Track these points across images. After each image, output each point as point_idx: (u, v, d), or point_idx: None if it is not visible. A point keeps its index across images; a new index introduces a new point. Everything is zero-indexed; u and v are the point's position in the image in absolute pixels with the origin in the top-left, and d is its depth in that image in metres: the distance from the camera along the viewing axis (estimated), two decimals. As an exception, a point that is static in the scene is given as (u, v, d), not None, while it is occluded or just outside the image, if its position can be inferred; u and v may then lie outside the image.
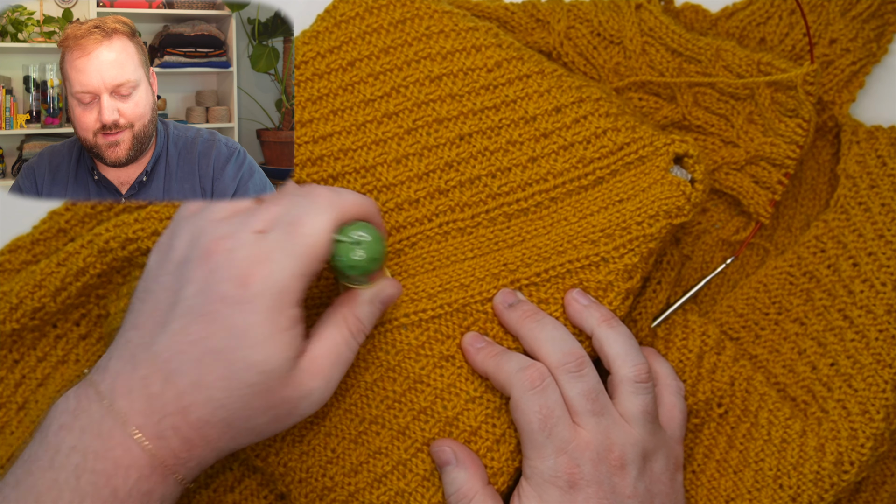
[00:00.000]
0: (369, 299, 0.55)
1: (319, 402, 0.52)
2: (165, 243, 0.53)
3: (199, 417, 0.49)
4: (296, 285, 0.49)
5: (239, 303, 0.48)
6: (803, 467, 0.58)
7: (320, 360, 0.52)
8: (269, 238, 0.50)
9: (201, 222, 0.52)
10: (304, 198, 0.52)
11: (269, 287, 0.49)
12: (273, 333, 0.49)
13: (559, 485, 0.53)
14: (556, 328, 0.57)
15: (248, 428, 0.51)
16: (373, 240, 0.52)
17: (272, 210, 0.51)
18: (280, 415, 0.51)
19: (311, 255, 0.50)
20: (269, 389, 0.49)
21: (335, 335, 0.53)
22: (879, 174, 0.64)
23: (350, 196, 0.53)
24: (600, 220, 0.59)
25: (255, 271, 0.49)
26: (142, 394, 0.49)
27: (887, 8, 0.67)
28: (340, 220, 0.51)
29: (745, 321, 0.65)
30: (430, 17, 0.63)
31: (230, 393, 0.49)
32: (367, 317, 0.55)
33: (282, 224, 0.50)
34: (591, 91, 0.62)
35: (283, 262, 0.49)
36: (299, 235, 0.50)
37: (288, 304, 0.49)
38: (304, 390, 0.51)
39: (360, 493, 0.56)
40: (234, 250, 0.49)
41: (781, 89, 0.62)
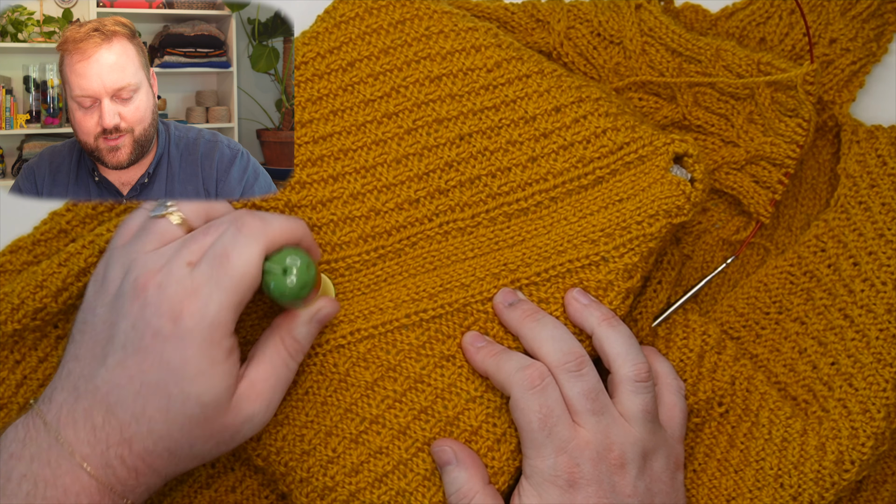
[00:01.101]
0: (306, 320, 0.55)
1: (261, 423, 0.53)
2: (101, 274, 0.54)
3: (143, 448, 0.50)
4: (228, 317, 0.50)
5: (172, 338, 0.49)
6: (804, 466, 0.58)
7: (260, 384, 0.52)
8: (199, 271, 0.50)
9: (133, 254, 0.52)
10: (233, 227, 0.51)
11: (201, 321, 0.49)
12: (208, 366, 0.49)
13: (559, 484, 0.53)
14: (557, 327, 0.57)
15: (193, 455, 0.52)
16: (303, 265, 0.52)
17: (202, 241, 0.51)
18: (223, 440, 0.52)
19: (241, 287, 0.50)
20: (209, 419, 0.50)
21: (273, 358, 0.54)
22: (880, 173, 0.64)
23: (278, 223, 0.53)
24: (600, 219, 0.59)
25: (186, 306, 0.49)
26: (86, 425, 0.50)
27: (887, 7, 0.67)
28: (269, 249, 0.52)
29: (746, 320, 0.65)
30: (429, 18, 0.63)
31: (171, 425, 0.50)
32: (304, 337, 0.55)
33: (211, 256, 0.50)
34: (591, 91, 0.62)
35: (213, 295, 0.49)
36: (228, 267, 0.50)
37: (221, 336, 0.50)
38: (244, 415, 0.52)
39: (360, 493, 0.56)
40: (165, 285, 0.50)
41: (781, 89, 0.62)
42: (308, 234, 0.55)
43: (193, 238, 0.52)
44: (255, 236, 0.51)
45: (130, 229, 0.54)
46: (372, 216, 0.61)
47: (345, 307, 0.60)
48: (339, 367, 0.58)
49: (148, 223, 0.54)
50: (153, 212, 0.54)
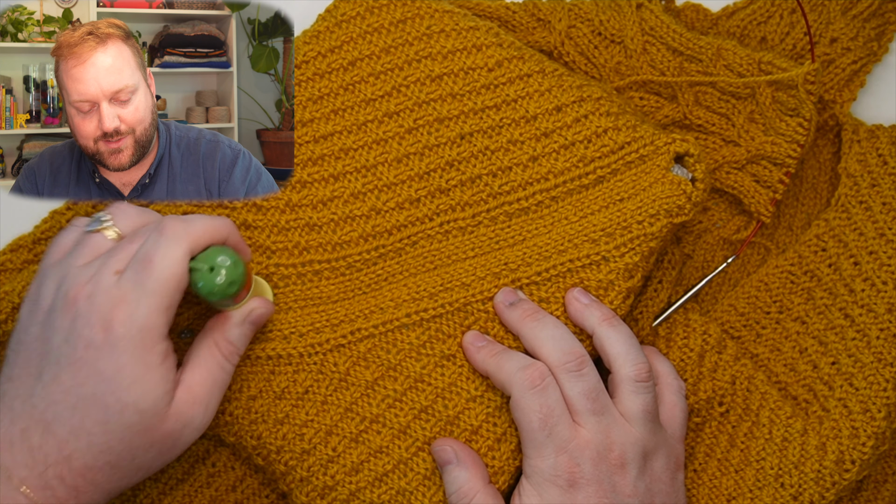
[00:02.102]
0: (239, 321, 0.55)
1: (201, 428, 0.53)
2: (34, 293, 0.53)
3: (83, 464, 0.49)
4: (158, 321, 0.49)
5: (104, 347, 0.49)
6: (805, 466, 0.58)
7: (196, 387, 0.52)
8: (125, 278, 0.50)
9: (65, 269, 0.52)
10: (155, 231, 0.51)
11: (132, 328, 0.49)
12: (144, 373, 0.49)
13: (559, 484, 0.53)
14: (557, 327, 0.57)
15: (135, 466, 0.51)
16: (231, 263, 0.52)
17: (128, 249, 0.51)
18: (164, 448, 0.51)
19: (168, 289, 0.50)
20: (148, 427, 0.50)
21: (208, 360, 0.53)
22: (880, 173, 0.64)
23: (202, 222, 0.52)
24: (601, 219, 0.59)
25: (115, 314, 0.49)
26: (23, 447, 0.49)
27: (888, 7, 0.68)
28: (194, 249, 0.51)
29: (747, 320, 0.65)
30: (430, 17, 0.63)
31: (110, 436, 0.49)
32: (238, 339, 0.55)
33: (136, 262, 0.50)
34: (592, 90, 0.62)
35: (140, 300, 0.49)
36: (153, 271, 0.49)
37: (154, 340, 0.49)
38: (184, 420, 0.51)
39: (361, 493, 0.56)
40: (94, 295, 0.49)
41: (782, 88, 0.62)
42: (235, 232, 0.55)
43: (120, 247, 0.51)
44: (176, 237, 0.50)
45: (63, 246, 0.54)
46: (373, 215, 0.61)
47: (345, 306, 0.60)
48: (340, 366, 0.58)
49: (83, 238, 0.53)
50: (88, 227, 0.53)
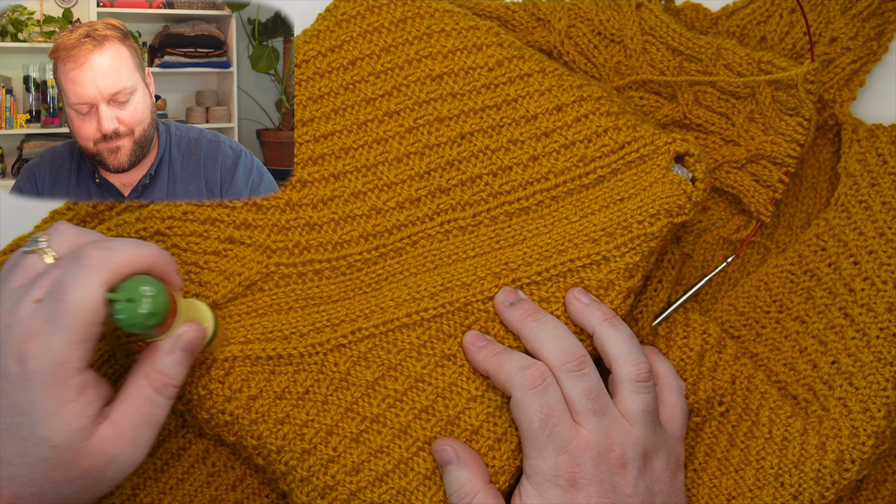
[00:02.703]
0: (168, 349, 0.52)
1: (129, 465, 0.50)
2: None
3: (11, 493, 0.48)
4: (74, 354, 0.47)
5: (19, 380, 0.47)
6: (804, 465, 0.58)
7: (122, 423, 0.50)
8: (40, 310, 0.48)
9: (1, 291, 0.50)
10: (73, 262, 0.49)
11: (45, 362, 0.47)
12: (56, 407, 0.47)
13: (560, 484, 0.53)
14: (557, 327, 0.57)
15: (62, 498, 0.49)
16: (154, 293, 0.49)
17: (49, 276, 0.49)
18: (89, 483, 0.49)
19: (81, 323, 0.47)
20: (65, 462, 0.48)
21: (136, 395, 0.51)
22: (880, 172, 0.64)
23: (123, 251, 0.50)
24: (601, 218, 0.59)
25: (28, 347, 0.47)
26: None
27: (888, 6, 0.68)
28: (112, 280, 0.49)
29: (746, 319, 0.65)
30: (430, 16, 0.63)
31: (30, 469, 0.48)
32: (170, 368, 0.52)
33: (51, 293, 0.48)
34: (592, 90, 0.62)
35: (53, 334, 0.47)
36: (66, 304, 0.47)
37: (69, 374, 0.48)
38: (105, 457, 0.49)
39: (361, 492, 0.56)
40: (12, 325, 0.48)
41: (782, 88, 0.62)
42: (162, 260, 0.52)
43: (45, 274, 0.49)
44: (92, 268, 0.48)
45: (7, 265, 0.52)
46: (373, 215, 0.61)
47: (346, 306, 0.60)
48: (340, 366, 0.58)
49: (20, 259, 0.51)
50: (25, 247, 0.52)
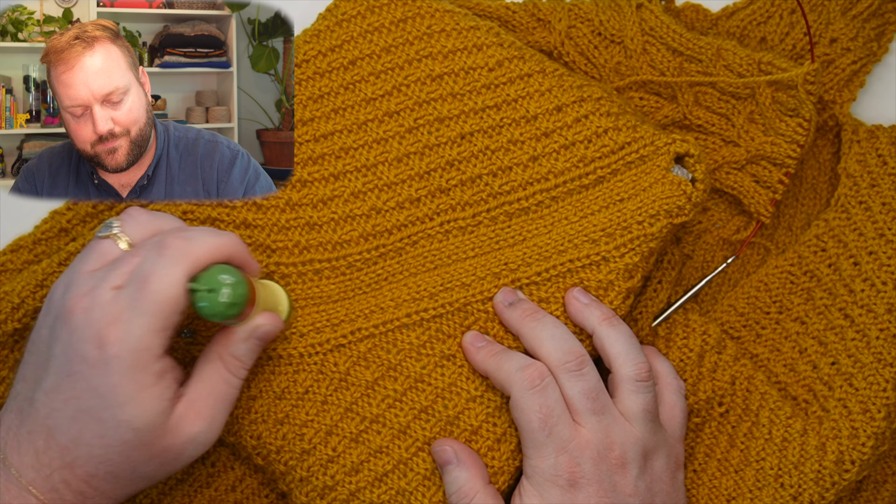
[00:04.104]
0: (245, 337, 0.53)
1: (207, 443, 0.52)
2: (53, 290, 0.53)
3: (85, 472, 0.49)
4: (153, 342, 0.49)
5: (98, 365, 0.48)
6: (804, 466, 0.58)
7: (199, 403, 0.51)
8: (122, 296, 0.49)
9: (74, 273, 0.51)
10: (155, 250, 0.50)
11: (126, 348, 0.48)
12: (137, 392, 0.48)
13: (560, 483, 0.53)
14: (557, 327, 0.57)
15: (138, 476, 0.51)
16: (234, 283, 0.50)
17: (129, 263, 0.50)
18: (165, 461, 0.51)
19: (164, 311, 0.49)
20: (145, 443, 0.49)
21: (212, 376, 0.53)
22: (880, 173, 0.64)
23: (204, 241, 0.51)
24: (601, 219, 0.59)
25: (110, 332, 0.48)
26: (29, 449, 0.49)
27: (888, 7, 0.68)
28: (194, 269, 0.50)
29: (746, 320, 0.65)
30: (431, 16, 0.63)
31: (108, 449, 0.49)
32: (244, 354, 0.53)
33: (134, 280, 0.49)
34: (592, 90, 0.62)
35: (135, 321, 0.48)
36: (150, 292, 0.48)
37: (149, 360, 0.49)
38: (185, 436, 0.51)
39: (360, 493, 0.56)
40: (91, 309, 0.49)
41: (782, 88, 0.62)
42: (240, 249, 0.53)
43: (123, 260, 0.50)
44: (176, 258, 0.49)
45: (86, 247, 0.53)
46: (373, 215, 0.61)
47: (346, 306, 0.60)
48: (340, 366, 0.58)
49: (92, 243, 0.52)
50: (98, 232, 0.53)
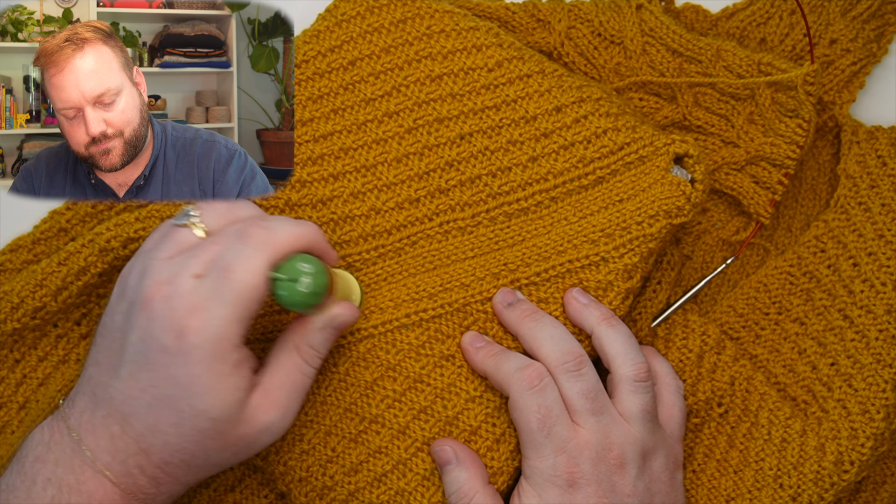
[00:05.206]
0: (321, 327, 0.53)
1: (280, 432, 0.52)
2: (125, 276, 0.53)
3: (160, 459, 0.50)
4: (233, 332, 0.49)
5: (178, 354, 0.48)
6: (803, 467, 0.58)
7: (274, 392, 0.52)
8: (203, 285, 0.49)
9: (150, 260, 0.51)
10: (237, 239, 0.50)
11: (206, 338, 0.48)
12: (216, 382, 0.49)
13: (559, 484, 0.53)
14: (556, 327, 0.57)
15: (211, 464, 0.51)
16: (315, 272, 0.50)
17: (209, 251, 0.50)
18: (239, 450, 0.51)
19: (245, 301, 0.49)
20: (221, 432, 0.50)
21: (288, 365, 0.53)
22: (879, 174, 0.64)
23: (285, 231, 0.51)
24: (600, 219, 0.59)
25: (190, 322, 0.48)
26: (104, 433, 0.50)
27: (887, 8, 0.68)
28: (275, 259, 0.50)
29: (746, 321, 0.65)
30: (430, 17, 0.63)
31: (183, 438, 0.49)
32: (319, 344, 0.54)
33: (216, 269, 0.49)
34: (592, 91, 0.62)
35: (217, 310, 0.48)
36: (232, 281, 0.48)
37: (228, 350, 0.49)
38: (260, 425, 0.51)
39: (359, 493, 0.56)
40: (171, 298, 0.49)
41: (782, 89, 0.62)
42: (320, 238, 0.53)
43: (203, 248, 0.50)
44: (258, 247, 0.49)
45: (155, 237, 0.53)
46: (372, 215, 0.61)
47: (345, 306, 0.60)
48: (339, 366, 0.58)
49: (169, 231, 0.52)
50: (175, 220, 0.53)
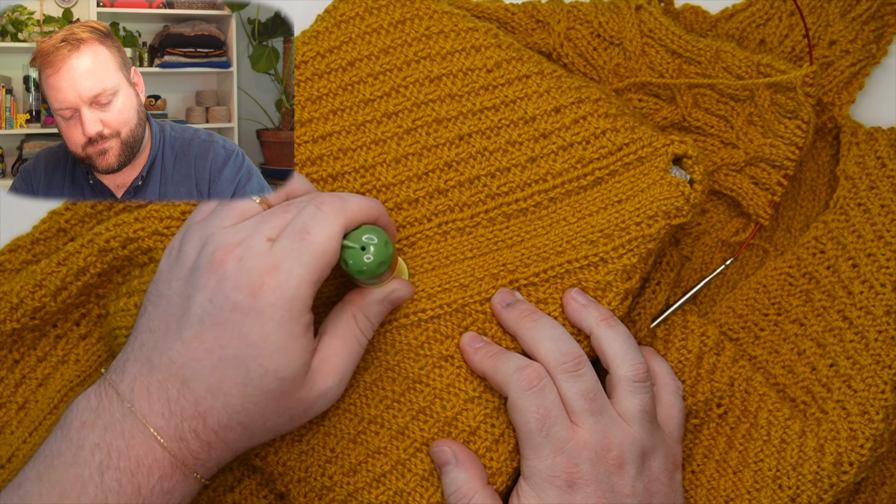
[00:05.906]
0: (379, 299, 0.55)
1: (333, 398, 0.54)
2: (176, 248, 0.54)
3: (217, 422, 0.50)
4: (307, 292, 0.50)
5: (252, 312, 0.49)
6: (802, 468, 0.58)
7: (333, 358, 0.53)
8: (279, 246, 0.50)
9: (210, 228, 0.52)
10: (312, 204, 0.52)
11: (282, 296, 0.49)
12: (288, 342, 0.49)
13: (558, 484, 0.53)
14: (554, 327, 0.57)
15: (266, 429, 0.52)
16: (380, 242, 0.53)
17: (282, 217, 0.52)
18: (296, 414, 0.52)
19: (321, 263, 0.50)
20: (285, 393, 0.51)
21: (346, 333, 0.54)
22: (879, 175, 0.64)
23: (356, 200, 0.53)
24: (599, 220, 0.59)
25: (266, 280, 0.49)
26: (160, 397, 0.50)
27: (887, 9, 0.68)
28: (348, 226, 0.52)
29: (745, 322, 0.65)
30: (429, 18, 0.63)
31: (247, 399, 0.50)
32: (375, 315, 0.56)
33: (291, 232, 0.50)
34: (591, 92, 0.62)
35: (294, 270, 0.49)
36: (309, 243, 0.50)
37: (300, 311, 0.50)
38: (319, 390, 0.52)
39: (358, 493, 0.56)
40: (245, 259, 0.50)
41: (781, 91, 0.62)
42: (384, 213, 0.55)
43: (273, 214, 0.52)
44: (334, 213, 0.51)
45: (210, 206, 0.55)
46: (371, 216, 0.61)
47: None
48: (338, 366, 0.58)
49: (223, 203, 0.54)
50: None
